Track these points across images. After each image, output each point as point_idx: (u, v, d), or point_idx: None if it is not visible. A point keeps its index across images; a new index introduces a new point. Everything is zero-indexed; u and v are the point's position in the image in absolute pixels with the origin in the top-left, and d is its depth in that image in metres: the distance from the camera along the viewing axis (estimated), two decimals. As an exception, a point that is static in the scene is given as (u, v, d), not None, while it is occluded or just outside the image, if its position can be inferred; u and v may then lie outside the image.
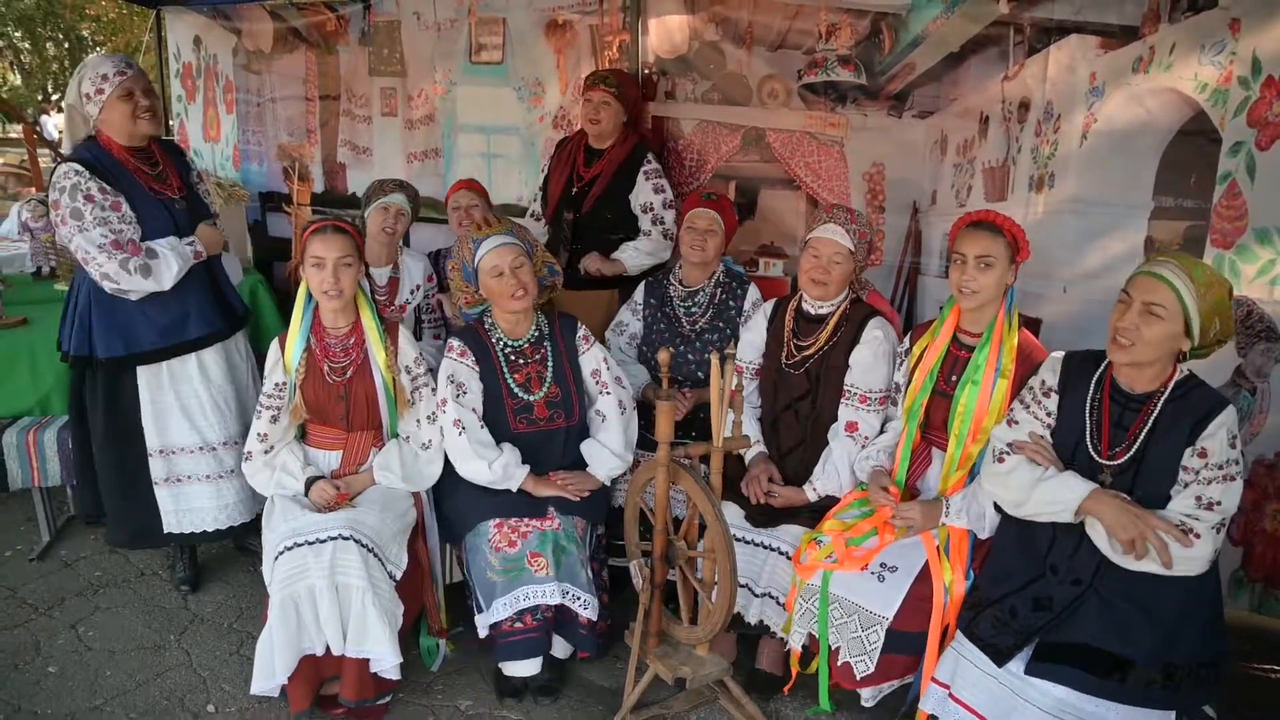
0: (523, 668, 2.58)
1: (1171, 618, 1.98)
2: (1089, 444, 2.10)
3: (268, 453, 2.65)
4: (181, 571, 3.19)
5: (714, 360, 2.23)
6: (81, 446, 2.99)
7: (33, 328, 3.51)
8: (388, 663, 2.40)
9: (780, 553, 2.51)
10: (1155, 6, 2.61)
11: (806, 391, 2.66)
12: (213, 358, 2.97)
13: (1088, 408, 2.12)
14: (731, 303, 3.06)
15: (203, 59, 5.30)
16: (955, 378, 2.39)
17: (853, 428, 2.58)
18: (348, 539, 2.37)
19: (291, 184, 4.83)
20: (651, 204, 3.35)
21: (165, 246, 2.76)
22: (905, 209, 3.33)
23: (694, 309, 3.08)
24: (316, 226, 2.57)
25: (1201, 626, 2.01)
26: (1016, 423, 2.22)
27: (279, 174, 5.07)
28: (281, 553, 2.38)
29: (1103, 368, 2.13)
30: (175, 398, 2.91)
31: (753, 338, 2.81)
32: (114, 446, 2.90)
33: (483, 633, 2.49)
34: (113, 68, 2.72)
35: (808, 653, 2.45)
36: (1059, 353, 2.24)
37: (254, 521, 3.00)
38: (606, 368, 2.78)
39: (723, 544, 2.16)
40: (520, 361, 2.73)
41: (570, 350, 2.78)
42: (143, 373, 2.86)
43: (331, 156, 4.84)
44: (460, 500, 2.67)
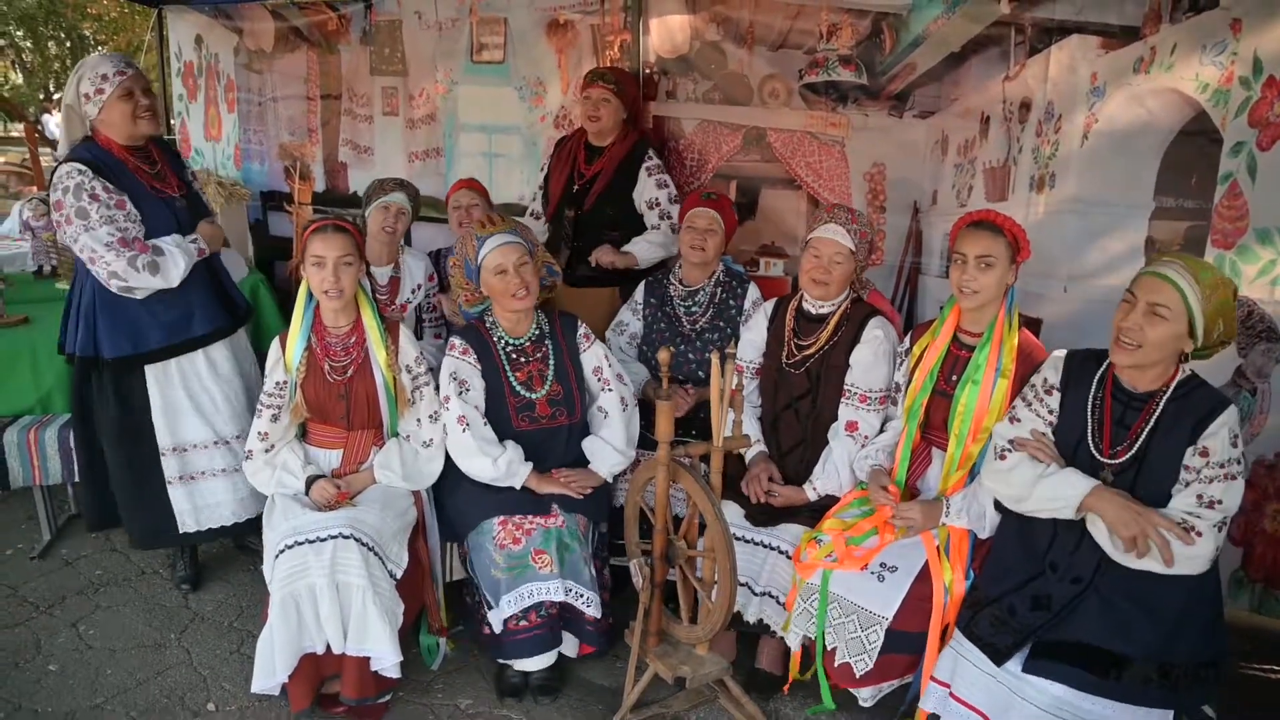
0: (534, 663, 2.59)
1: (1172, 617, 1.98)
2: (1090, 442, 2.10)
3: (268, 451, 2.65)
4: (182, 570, 3.20)
5: (714, 359, 2.23)
6: (86, 447, 2.99)
7: (34, 326, 3.52)
8: (388, 661, 2.41)
9: (780, 552, 2.51)
10: (1156, 7, 2.61)
11: (807, 391, 2.66)
12: (220, 353, 2.98)
13: (1089, 406, 2.13)
14: (732, 302, 3.06)
15: (204, 58, 5.31)
16: (955, 377, 2.39)
17: (853, 427, 2.58)
18: (348, 538, 2.37)
19: (293, 183, 4.82)
20: (657, 199, 3.36)
21: (170, 244, 2.76)
22: (906, 209, 3.33)
23: (694, 308, 3.08)
24: (317, 225, 2.57)
25: (1201, 626, 2.01)
26: (1018, 420, 2.22)
27: (280, 173, 5.08)
28: (282, 551, 2.38)
29: (1105, 366, 2.13)
30: (186, 394, 2.91)
31: (753, 337, 2.81)
32: (125, 446, 2.90)
33: (498, 629, 2.49)
34: (112, 67, 2.72)
35: (808, 655, 2.45)
36: (1061, 351, 2.24)
37: (255, 520, 3.00)
38: (608, 365, 2.79)
39: (722, 543, 2.16)
40: (522, 360, 2.73)
41: (571, 348, 2.78)
42: (150, 371, 2.86)
43: (333, 156, 4.85)
44: (462, 498, 2.67)
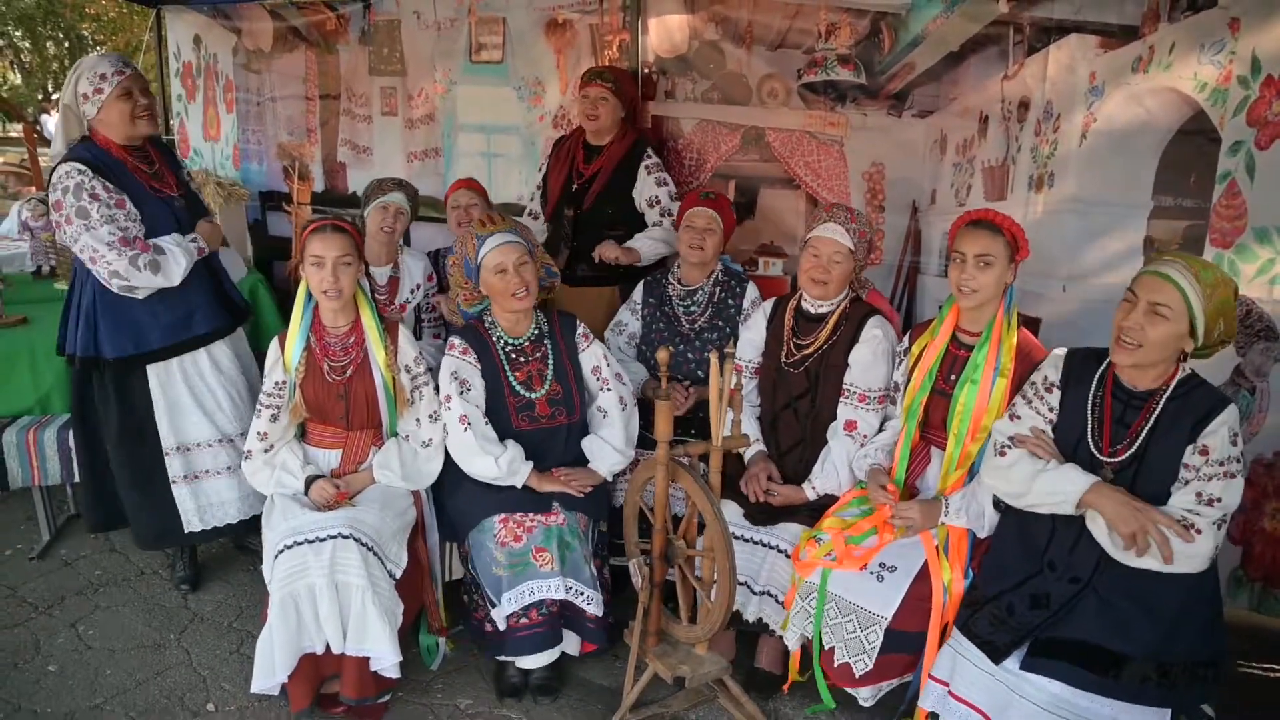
0: (535, 661, 2.59)
1: (1170, 616, 1.98)
2: (1090, 441, 2.10)
3: (267, 451, 2.65)
4: (181, 570, 3.20)
5: (713, 359, 2.23)
6: (86, 448, 2.98)
7: (33, 327, 3.52)
8: (387, 661, 2.41)
9: (779, 550, 2.51)
10: (1155, 6, 2.61)
11: (806, 390, 2.66)
12: (222, 351, 2.99)
13: (1089, 405, 2.13)
14: (730, 301, 3.06)
15: (203, 58, 5.30)
16: (954, 377, 2.39)
17: (851, 426, 2.58)
18: (348, 538, 2.38)
19: (292, 183, 4.83)
20: (657, 197, 3.36)
21: (171, 243, 2.77)
22: (905, 208, 3.33)
23: (693, 308, 3.08)
24: (316, 225, 2.57)
25: (1200, 625, 2.01)
26: (1018, 417, 2.22)
27: (279, 173, 5.08)
28: (281, 551, 2.38)
29: (1105, 365, 2.13)
30: (189, 393, 2.91)
31: (752, 336, 2.81)
32: (127, 446, 2.89)
33: (501, 626, 2.50)
34: (111, 67, 2.72)
35: (807, 655, 2.45)
36: (1061, 349, 2.24)
37: (254, 520, 3.00)
38: (607, 364, 2.79)
39: (722, 543, 2.16)
40: (521, 360, 2.73)
41: (570, 348, 2.78)
42: (153, 370, 2.86)
43: (332, 156, 4.85)
44: (462, 497, 2.67)
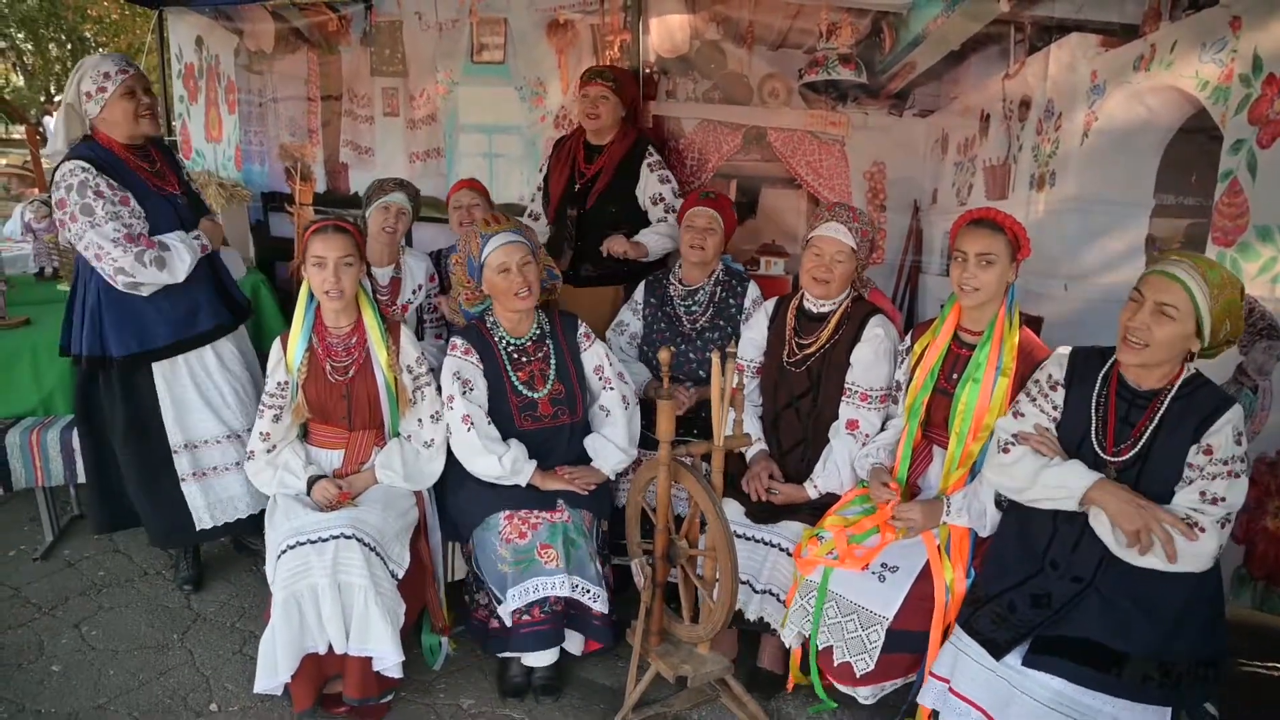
0: (536, 659, 2.59)
1: (1172, 616, 1.97)
2: (1094, 440, 2.10)
3: (270, 452, 2.66)
4: (184, 571, 3.20)
5: (714, 358, 2.23)
6: (92, 449, 2.99)
7: (35, 328, 3.53)
8: (390, 661, 2.41)
9: (781, 549, 2.51)
10: (1156, 4, 2.61)
11: (808, 389, 2.66)
12: (227, 348, 3.00)
13: (1094, 403, 2.12)
14: (732, 301, 3.06)
15: (205, 59, 5.31)
16: (956, 376, 2.39)
17: (853, 425, 2.58)
18: (350, 538, 2.38)
19: (294, 184, 4.84)
20: (661, 194, 3.36)
21: (175, 239, 2.78)
22: (906, 207, 3.33)
23: (694, 308, 3.08)
24: (318, 226, 2.57)
25: (1202, 625, 2.01)
26: (1022, 415, 2.22)
27: (281, 174, 5.08)
28: (284, 551, 2.39)
29: (1110, 364, 2.13)
30: (196, 390, 2.92)
31: (754, 336, 2.81)
32: (134, 445, 2.90)
33: (508, 623, 2.50)
34: (115, 66, 2.74)
35: (809, 655, 2.45)
36: (1065, 348, 2.24)
37: (253, 520, 3.01)
38: (608, 363, 2.79)
39: (724, 542, 2.16)
40: (523, 360, 2.73)
41: (572, 347, 2.78)
42: (158, 368, 2.86)
43: (333, 156, 4.85)
44: (465, 496, 2.67)
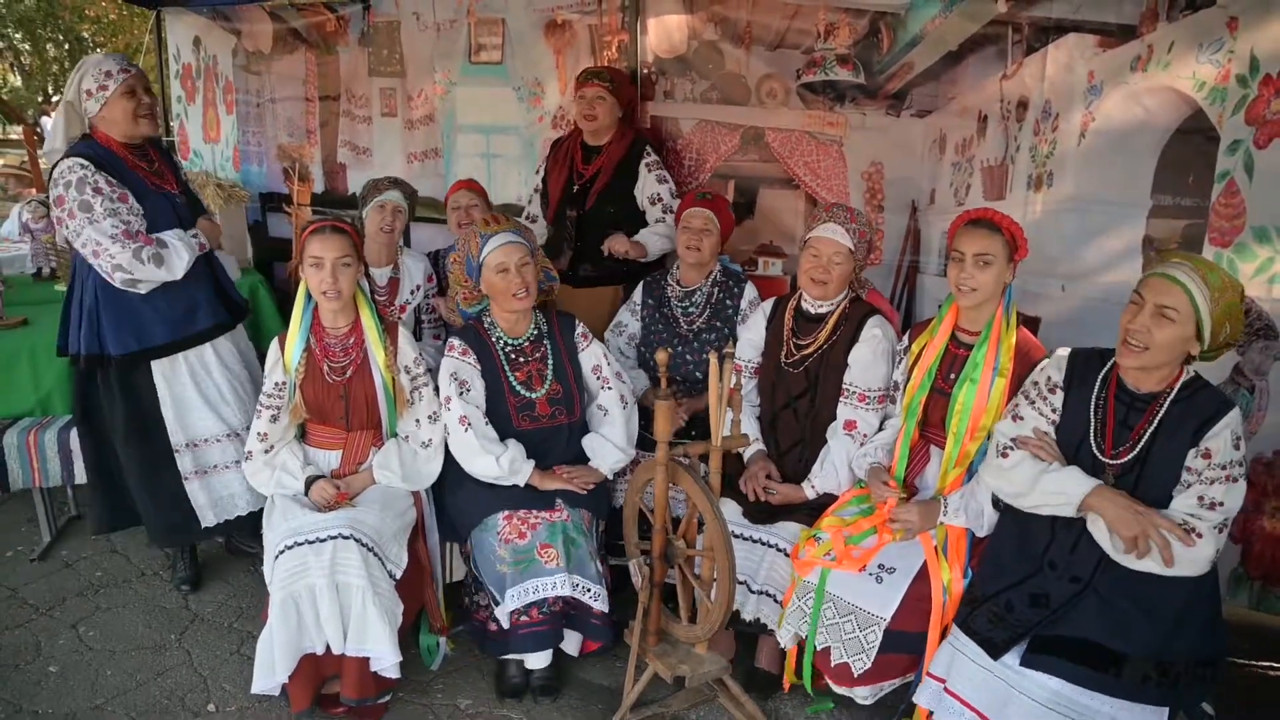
0: (537, 659, 2.59)
1: (1171, 617, 1.98)
2: (1092, 442, 2.10)
3: (268, 452, 2.65)
4: (182, 571, 3.20)
5: (712, 359, 2.23)
6: (92, 449, 2.98)
7: (33, 328, 3.52)
8: (388, 661, 2.41)
9: (778, 549, 2.51)
10: (1153, 5, 2.61)
11: (805, 390, 2.66)
12: (226, 346, 3.00)
13: (1093, 406, 2.12)
14: (729, 302, 3.06)
15: (202, 60, 5.31)
16: (953, 376, 2.39)
17: (851, 426, 2.58)
18: (348, 538, 2.38)
19: (291, 184, 4.84)
20: (659, 195, 3.37)
21: (173, 237, 2.78)
22: (904, 208, 3.33)
23: (691, 309, 3.08)
24: (315, 227, 2.57)
25: (1200, 625, 2.01)
26: (1021, 418, 2.21)
27: (279, 174, 5.08)
28: (282, 552, 2.39)
29: (1109, 366, 2.12)
30: (196, 389, 2.92)
31: (752, 336, 2.81)
32: (135, 444, 2.90)
33: (505, 624, 2.50)
34: (116, 65, 2.75)
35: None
36: (1064, 349, 2.23)
37: (252, 518, 3.01)
38: (606, 363, 2.80)
39: (721, 542, 2.17)
40: (521, 360, 2.73)
41: (570, 347, 2.79)
42: (157, 367, 2.86)
43: (331, 157, 4.85)
44: (464, 496, 2.67)
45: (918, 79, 3.17)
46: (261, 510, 2.94)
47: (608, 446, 2.73)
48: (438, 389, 2.71)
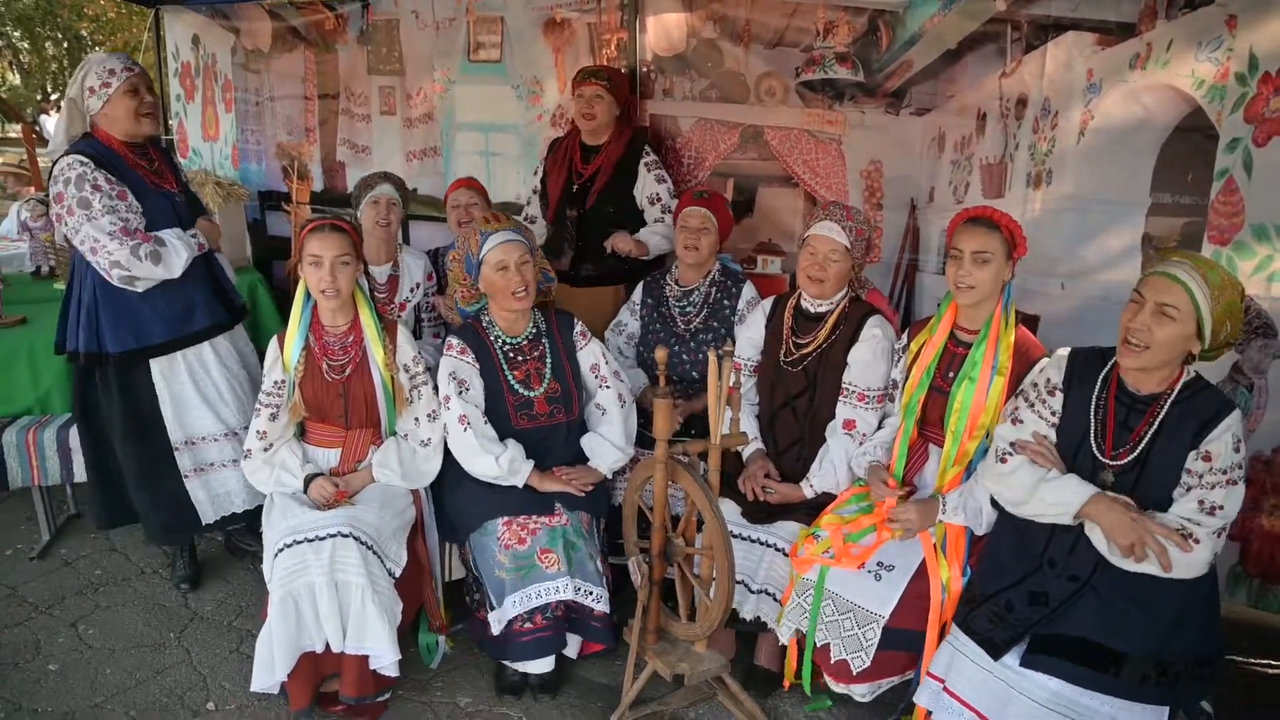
0: (535, 666, 2.59)
1: (1169, 616, 1.98)
2: (1092, 443, 2.10)
3: (267, 450, 2.65)
4: (181, 569, 3.20)
5: (711, 358, 2.23)
6: (91, 447, 2.99)
7: (32, 327, 3.52)
8: (387, 660, 2.41)
9: (777, 549, 2.51)
10: (1152, 3, 2.62)
11: (804, 389, 2.66)
12: (224, 345, 3.00)
13: (1093, 407, 2.12)
14: (727, 302, 3.06)
15: (201, 58, 5.30)
16: (952, 374, 2.39)
17: (850, 425, 2.58)
18: (347, 536, 2.38)
19: (291, 183, 4.82)
20: (658, 194, 3.37)
21: (172, 235, 2.78)
22: (903, 206, 3.33)
23: (689, 308, 3.08)
24: (314, 225, 2.57)
25: (1199, 624, 2.01)
26: (1020, 421, 2.21)
27: (278, 173, 5.07)
28: (281, 550, 2.39)
29: (1109, 366, 2.12)
30: (194, 388, 2.92)
31: (751, 335, 2.81)
32: (133, 442, 2.90)
33: (497, 630, 2.49)
34: (120, 64, 2.75)
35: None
36: (1064, 349, 2.23)
37: (249, 515, 3.01)
38: (605, 362, 2.80)
39: (720, 541, 2.17)
40: (519, 359, 2.73)
41: (568, 346, 2.79)
42: (156, 365, 2.86)
43: (330, 155, 4.85)
44: (463, 498, 2.67)
45: (917, 77, 3.17)
46: (258, 508, 2.95)
47: (606, 446, 2.72)
48: (437, 388, 2.71)
